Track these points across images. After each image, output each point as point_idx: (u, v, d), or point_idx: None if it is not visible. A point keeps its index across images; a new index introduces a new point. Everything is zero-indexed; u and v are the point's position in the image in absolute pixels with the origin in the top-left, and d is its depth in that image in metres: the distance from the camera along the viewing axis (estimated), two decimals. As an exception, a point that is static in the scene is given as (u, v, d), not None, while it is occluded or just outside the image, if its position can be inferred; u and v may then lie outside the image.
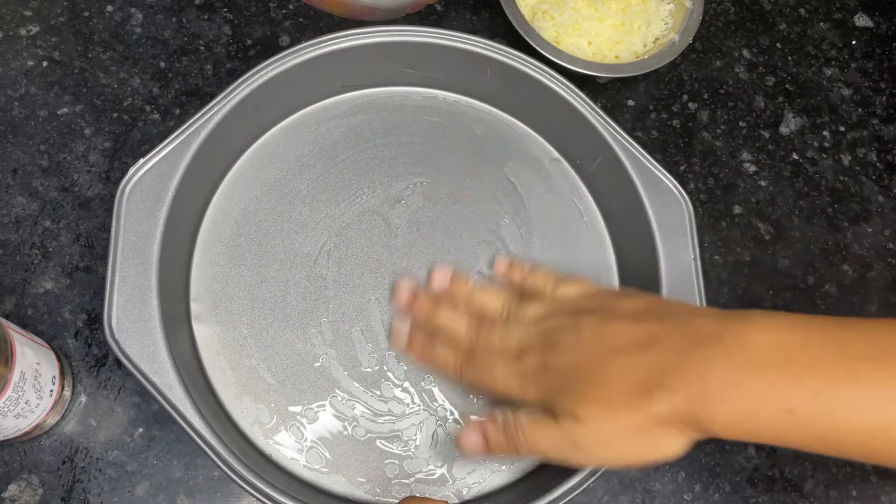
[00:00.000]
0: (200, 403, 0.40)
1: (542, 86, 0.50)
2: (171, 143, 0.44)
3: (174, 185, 0.43)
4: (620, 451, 0.36)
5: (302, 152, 0.51)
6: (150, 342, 0.40)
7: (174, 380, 0.40)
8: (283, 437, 0.44)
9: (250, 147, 0.50)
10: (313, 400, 0.45)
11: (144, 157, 0.43)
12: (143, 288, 0.41)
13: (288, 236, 0.48)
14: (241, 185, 0.49)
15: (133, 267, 0.41)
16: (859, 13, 0.66)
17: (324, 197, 0.50)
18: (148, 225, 0.42)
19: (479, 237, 0.50)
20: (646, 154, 0.48)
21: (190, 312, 0.46)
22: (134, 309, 0.41)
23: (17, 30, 0.55)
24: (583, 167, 0.52)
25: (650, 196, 0.48)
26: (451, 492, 0.45)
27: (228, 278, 0.47)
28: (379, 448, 0.45)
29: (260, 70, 0.46)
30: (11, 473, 0.44)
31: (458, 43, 0.50)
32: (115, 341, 0.40)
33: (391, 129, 0.52)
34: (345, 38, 0.48)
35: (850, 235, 0.58)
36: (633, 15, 0.58)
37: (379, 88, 0.53)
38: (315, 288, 0.47)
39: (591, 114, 0.49)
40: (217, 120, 0.45)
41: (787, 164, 0.59)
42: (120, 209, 0.42)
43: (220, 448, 0.39)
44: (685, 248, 0.47)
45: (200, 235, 0.48)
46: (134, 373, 0.40)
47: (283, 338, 0.46)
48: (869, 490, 0.51)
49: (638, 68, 0.55)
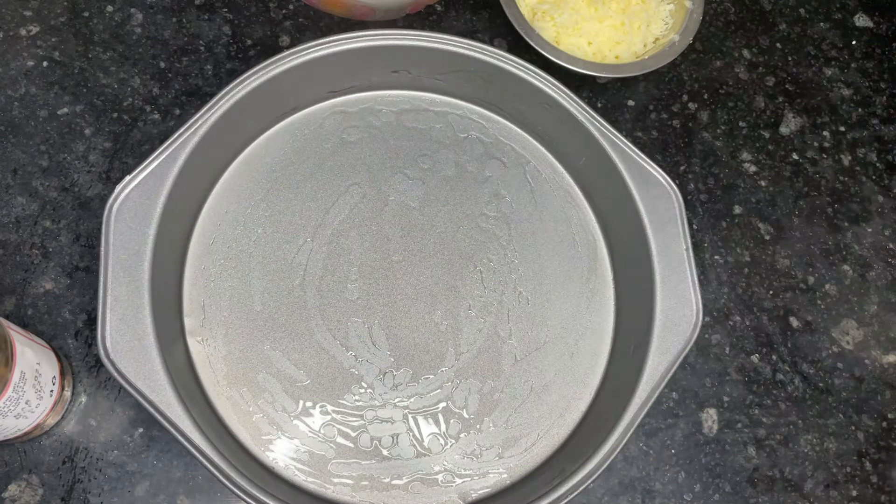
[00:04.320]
0: (199, 420, 0.40)
1: (526, 83, 0.50)
2: (157, 158, 0.43)
3: (162, 201, 0.43)
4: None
5: (289, 160, 0.51)
6: (146, 360, 0.40)
7: (172, 397, 0.39)
8: (284, 446, 0.44)
9: (237, 157, 0.50)
10: (312, 408, 0.45)
11: (130, 175, 0.43)
12: (136, 306, 0.41)
13: (279, 246, 0.48)
14: (229, 196, 0.49)
15: (125, 285, 0.41)
16: (859, 13, 0.66)
17: (313, 204, 0.50)
18: (137, 242, 0.42)
19: (471, 237, 0.50)
20: (633, 147, 0.48)
21: (184, 328, 0.45)
22: (128, 328, 0.40)
23: (17, 30, 0.55)
24: (571, 163, 0.52)
25: (639, 189, 0.47)
26: (456, 494, 0.45)
27: (221, 291, 0.47)
28: (380, 454, 0.45)
29: (243, 80, 0.46)
30: (11, 473, 0.44)
31: (440, 45, 0.49)
32: (110, 361, 0.39)
33: (378, 133, 0.52)
34: (327, 44, 0.48)
35: (850, 235, 0.58)
36: (633, 15, 0.58)
37: (365, 93, 0.53)
38: (308, 296, 0.47)
39: (577, 109, 0.49)
40: (202, 133, 0.44)
41: (787, 164, 0.59)
42: (108, 228, 0.42)
43: (222, 464, 0.39)
44: (677, 238, 0.47)
45: (190, 249, 0.47)
46: (131, 392, 0.39)
47: (279, 347, 0.46)
48: (869, 490, 0.51)
49: (638, 68, 0.55)
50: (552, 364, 0.48)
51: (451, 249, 0.50)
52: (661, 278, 0.46)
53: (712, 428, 0.51)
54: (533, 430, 0.47)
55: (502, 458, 0.46)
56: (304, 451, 0.44)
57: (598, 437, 0.43)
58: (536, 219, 0.52)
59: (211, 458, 0.39)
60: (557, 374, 0.48)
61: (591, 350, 0.49)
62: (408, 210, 0.50)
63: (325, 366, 0.46)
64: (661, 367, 0.44)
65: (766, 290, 0.55)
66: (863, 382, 0.54)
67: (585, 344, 0.49)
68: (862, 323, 0.55)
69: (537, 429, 0.47)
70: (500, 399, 0.47)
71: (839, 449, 0.52)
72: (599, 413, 0.46)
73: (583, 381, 0.48)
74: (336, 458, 0.44)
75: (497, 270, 0.50)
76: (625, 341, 0.48)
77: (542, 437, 0.47)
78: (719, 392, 0.52)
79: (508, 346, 0.48)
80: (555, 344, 0.48)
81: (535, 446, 0.46)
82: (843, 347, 0.54)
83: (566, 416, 0.47)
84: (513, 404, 0.47)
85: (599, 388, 0.48)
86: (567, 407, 0.47)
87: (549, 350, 0.48)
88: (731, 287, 0.55)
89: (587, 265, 0.51)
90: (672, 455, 0.50)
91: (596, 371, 0.48)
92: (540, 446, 0.46)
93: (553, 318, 0.49)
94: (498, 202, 0.52)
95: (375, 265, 0.49)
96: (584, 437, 0.46)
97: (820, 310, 0.55)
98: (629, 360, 0.46)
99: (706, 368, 0.53)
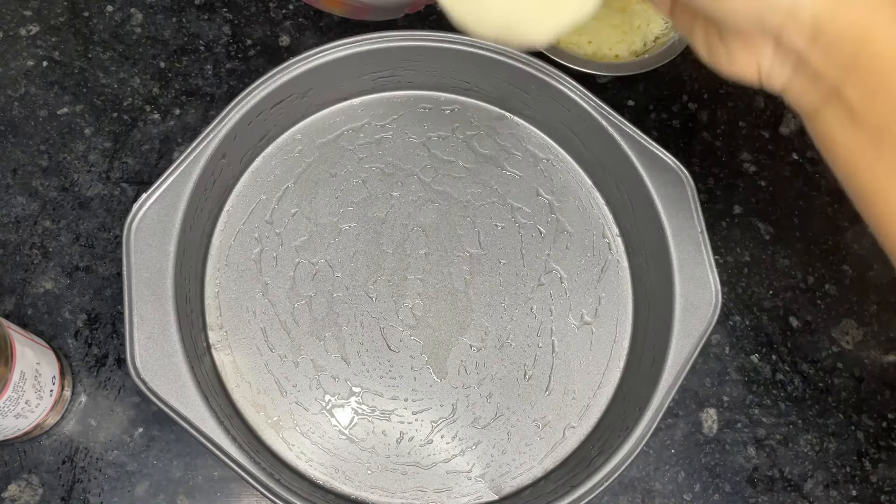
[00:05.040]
0: (234, 432, 0.40)
1: (533, 77, 0.50)
2: (172, 174, 0.43)
3: (180, 216, 0.42)
4: None
5: (301, 168, 0.51)
6: (177, 377, 0.40)
7: (206, 412, 0.39)
8: (315, 452, 0.44)
9: (249, 168, 0.50)
10: (342, 412, 0.45)
11: (147, 192, 0.42)
12: (163, 324, 0.40)
13: (297, 253, 0.48)
14: (242, 208, 0.49)
15: (150, 304, 0.41)
16: (859, 13, 0.66)
17: (326, 210, 0.50)
18: (159, 259, 0.41)
19: (486, 233, 0.50)
20: (641, 133, 0.48)
21: (209, 342, 0.46)
22: (156, 346, 0.40)
23: (17, 30, 0.55)
24: (581, 154, 0.53)
25: (651, 175, 0.48)
26: (490, 488, 0.45)
27: (241, 302, 0.47)
28: (411, 452, 0.45)
29: (251, 91, 0.46)
30: (11, 473, 0.44)
31: (444, 44, 0.49)
32: (141, 381, 0.39)
33: (390, 136, 0.52)
34: (330, 50, 0.48)
35: (850, 235, 0.58)
36: (633, 14, 0.58)
37: (371, 95, 0.53)
38: (328, 302, 0.47)
39: (585, 100, 0.49)
40: (215, 145, 0.44)
41: (787, 164, 0.59)
42: (129, 247, 0.41)
43: (262, 477, 0.39)
44: (691, 222, 0.47)
45: (209, 262, 0.47)
46: (165, 410, 0.39)
47: (304, 355, 0.46)
48: (869, 490, 0.51)
49: (638, 67, 0.55)
50: (574, 355, 0.48)
51: (466, 245, 0.50)
52: (679, 263, 0.46)
53: (712, 428, 0.51)
54: (560, 421, 0.47)
55: (532, 449, 0.46)
56: (336, 456, 0.44)
57: (626, 423, 0.43)
58: (547, 211, 0.52)
59: (252, 473, 0.39)
60: (581, 364, 0.48)
61: (611, 338, 0.49)
62: (426, 212, 0.51)
63: (350, 371, 0.46)
64: (685, 350, 0.44)
65: (766, 290, 0.55)
66: (862, 382, 0.54)
67: (604, 333, 0.49)
68: (862, 323, 0.55)
69: (565, 420, 0.47)
70: (525, 392, 0.47)
71: (839, 449, 0.52)
72: (625, 399, 0.47)
73: (605, 369, 0.48)
74: (369, 459, 0.45)
75: (514, 263, 0.50)
76: (644, 327, 0.48)
77: (571, 427, 0.47)
78: (719, 392, 0.52)
79: (531, 339, 0.48)
80: (575, 335, 0.49)
81: (564, 437, 0.47)
82: (842, 347, 0.54)
83: (593, 406, 0.48)
84: (538, 396, 0.47)
85: (623, 376, 0.48)
86: (593, 396, 0.48)
87: (570, 342, 0.49)
88: (731, 287, 0.55)
89: (602, 255, 0.51)
90: (672, 455, 0.50)
91: (618, 359, 0.49)
92: (568, 437, 0.47)
93: (571, 309, 0.49)
94: (508, 196, 0.52)
95: (394, 269, 0.49)
96: (612, 425, 0.46)
97: (820, 310, 0.55)
98: (651, 346, 0.46)
99: (706, 368, 0.53)
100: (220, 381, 0.45)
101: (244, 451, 0.39)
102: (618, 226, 0.52)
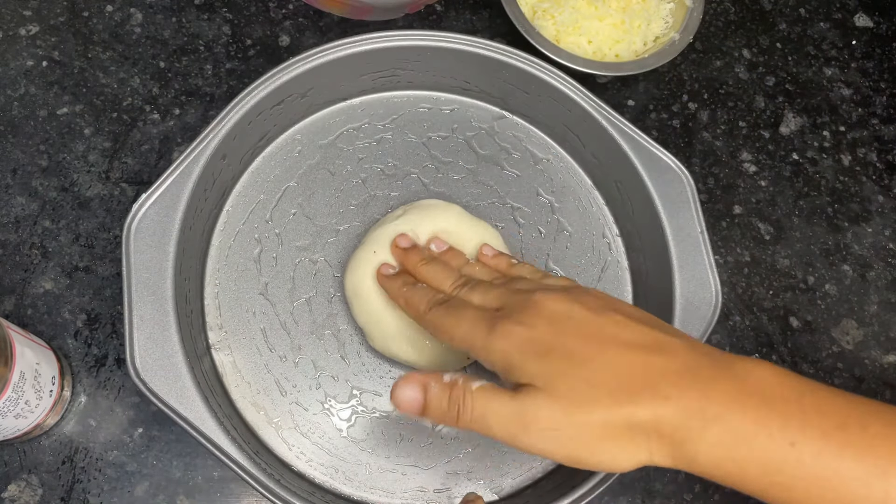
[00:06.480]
0: (234, 433, 0.40)
1: (533, 77, 0.50)
2: (172, 174, 0.43)
3: (179, 217, 0.42)
4: (572, 446, 0.32)
5: (300, 168, 0.50)
6: (177, 378, 0.40)
7: (205, 413, 0.39)
8: (314, 452, 0.44)
9: (248, 168, 0.50)
10: (341, 412, 0.45)
11: (146, 192, 0.42)
12: (163, 324, 0.40)
13: (297, 253, 0.48)
14: (242, 208, 0.49)
15: (149, 304, 0.41)
16: (859, 13, 0.66)
17: (326, 210, 0.50)
18: (159, 260, 0.41)
19: None
20: (641, 133, 0.48)
21: (209, 342, 0.45)
22: (156, 346, 0.40)
23: (16, 30, 0.55)
24: (580, 153, 0.53)
25: (651, 175, 0.48)
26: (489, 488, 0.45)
27: (241, 302, 0.47)
28: (411, 452, 0.45)
29: (250, 91, 0.46)
30: (11, 473, 0.44)
31: (444, 43, 0.49)
32: (141, 381, 0.39)
33: (390, 135, 0.52)
34: (331, 50, 0.48)
35: (850, 235, 0.58)
36: (633, 13, 0.58)
37: (371, 95, 0.53)
38: (328, 302, 0.47)
39: (585, 100, 0.49)
40: (215, 145, 0.44)
41: (787, 164, 0.59)
42: (128, 247, 0.41)
43: (262, 477, 0.39)
44: (691, 221, 0.47)
45: (209, 263, 0.47)
46: (165, 410, 0.39)
47: (302, 355, 0.46)
48: (869, 490, 0.51)
49: (638, 67, 0.55)
50: None
51: None
52: (679, 262, 0.46)
53: (712, 428, 0.51)
54: None
55: None
56: (336, 456, 0.44)
57: None
58: (547, 211, 0.52)
59: (252, 474, 0.39)
60: None
61: None
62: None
63: (350, 371, 0.46)
64: None
65: (766, 290, 0.55)
66: (863, 382, 0.54)
67: None
68: (862, 323, 0.55)
69: None
70: None
71: (839, 449, 0.52)
72: None
73: None
74: (369, 460, 0.45)
75: None
76: None
77: None
78: (719, 392, 0.52)
79: None
80: None
81: None
82: (843, 347, 0.54)
83: None
84: None
85: None
86: None
87: None
88: (731, 287, 0.55)
89: (602, 255, 0.51)
90: (672, 455, 0.50)
91: None
92: None
93: None
94: (508, 196, 0.52)
95: None
96: None
97: (820, 310, 0.55)
98: None
99: (706, 368, 0.53)
100: (219, 381, 0.45)
101: (244, 452, 0.39)
102: (618, 226, 0.52)
